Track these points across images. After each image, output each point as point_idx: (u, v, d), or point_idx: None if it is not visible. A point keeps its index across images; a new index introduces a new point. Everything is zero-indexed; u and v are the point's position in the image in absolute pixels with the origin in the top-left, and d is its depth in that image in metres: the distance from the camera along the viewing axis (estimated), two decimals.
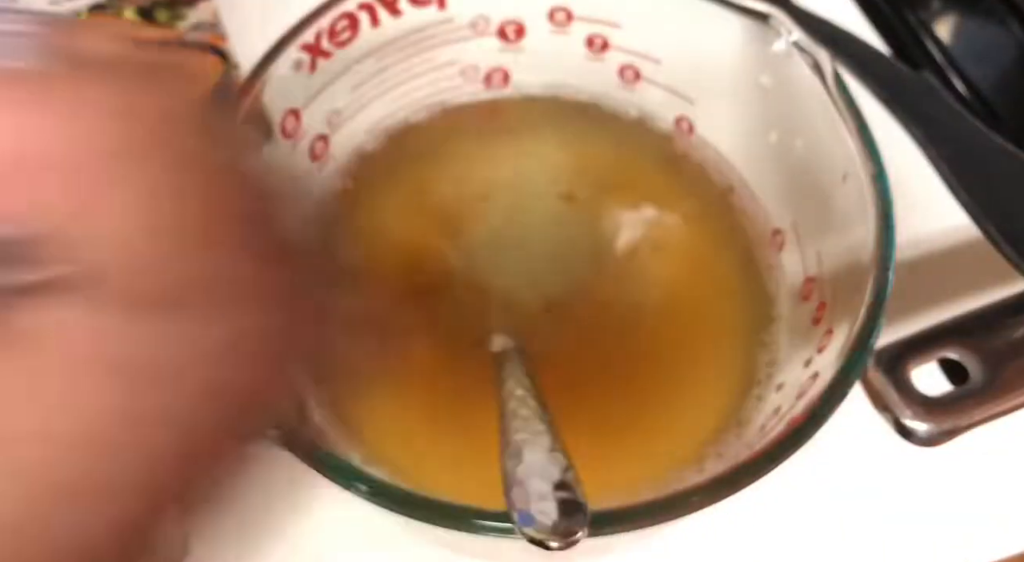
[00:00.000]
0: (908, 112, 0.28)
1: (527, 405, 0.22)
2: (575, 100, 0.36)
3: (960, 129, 0.28)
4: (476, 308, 0.31)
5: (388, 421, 0.30)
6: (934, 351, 0.25)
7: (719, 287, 0.33)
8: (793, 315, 0.31)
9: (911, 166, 0.28)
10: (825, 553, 0.32)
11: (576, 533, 0.19)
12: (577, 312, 0.31)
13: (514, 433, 0.21)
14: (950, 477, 0.33)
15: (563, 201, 0.34)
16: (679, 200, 0.34)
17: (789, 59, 0.29)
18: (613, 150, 0.35)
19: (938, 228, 0.38)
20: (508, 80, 0.36)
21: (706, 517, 0.22)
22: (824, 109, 0.28)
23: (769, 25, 0.29)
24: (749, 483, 0.22)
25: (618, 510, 0.21)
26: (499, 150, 0.35)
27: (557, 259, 0.32)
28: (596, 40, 0.34)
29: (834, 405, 0.23)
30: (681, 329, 0.31)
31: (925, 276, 0.37)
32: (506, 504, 0.19)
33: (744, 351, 0.31)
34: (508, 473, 0.20)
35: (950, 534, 0.33)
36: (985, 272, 0.35)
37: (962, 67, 0.43)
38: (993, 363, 0.25)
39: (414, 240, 0.33)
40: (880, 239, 0.25)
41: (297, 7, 0.29)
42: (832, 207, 0.29)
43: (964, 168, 0.28)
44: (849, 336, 0.24)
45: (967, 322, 0.26)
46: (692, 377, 0.31)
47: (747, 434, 0.28)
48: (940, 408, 0.24)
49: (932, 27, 0.44)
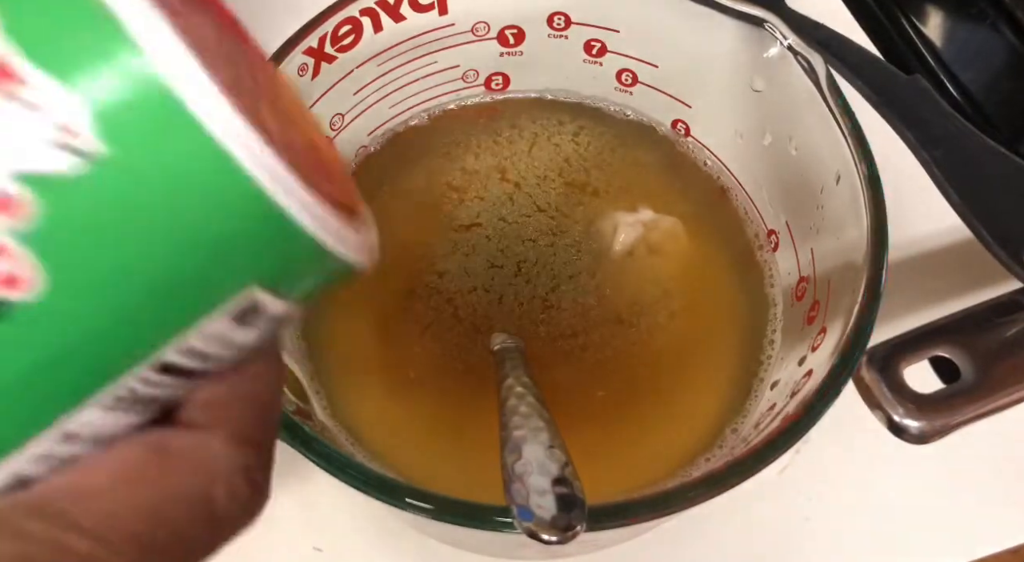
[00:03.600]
0: (900, 115, 0.29)
1: (526, 402, 0.23)
2: (574, 104, 0.37)
3: (951, 131, 0.29)
4: (476, 307, 0.32)
5: (389, 418, 0.30)
6: (926, 350, 0.26)
7: (715, 287, 0.33)
8: (787, 314, 0.31)
9: (903, 168, 0.29)
10: (820, 548, 0.33)
11: (574, 528, 0.19)
12: (575, 311, 0.32)
13: (514, 429, 0.22)
14: (942, 474, 0.34)
15: (562, 203, 0.34)
16: (675, 202, 0.34)
17: (783, 63, 0.29)
18: (611, 153, 0.36)
19: (930, 229, 0.38)
20: (508, 84, 0.36)
21: (701, 513, 0.22)
22: (818, 112, 0.28)
23: (764, 30, 0.29)
24: (744, 479, 0.22)
25: (615, 505, 0.22)
26: (499, 153, 0.36)
27: (556, 259, 0.33)
28: (594, 45, 0.34)
29: (827, 403, 0.23)
30: (677, 327, 0.32)
31: (917, 276, 0.37)
32: (505, 499, 0.20)
33: (739, 349, 0.31)
34: (507, 468, 0.20)
35: (942, 530, 0.33)
36: (976, 272, 0.36)
37: (954, 70, 0.43)
38: (984, 361, 0.26)
39: (415, 240, 0.33)
40: (873, 240, 0.26)
41: (301, 12, 0.30)
42: (826, 208, 0.29)
43: (955, 170, 0.28)
44: (842, 335, 0.24)
45: (958, 321, 0.26)
46: (688, 374, 0.31)
47: (742, 430, 0.29)
48: (932, 406, 0.25)
49: (924, 31, 0.45)
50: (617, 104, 0.36)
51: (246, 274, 0.12)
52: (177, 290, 0.11)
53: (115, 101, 0.10)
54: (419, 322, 0.32)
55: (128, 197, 0.10)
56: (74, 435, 0.12)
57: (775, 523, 0.33)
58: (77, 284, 0.10)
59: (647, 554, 0.32)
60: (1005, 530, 0.33)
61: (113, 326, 0.11)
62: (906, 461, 0.34)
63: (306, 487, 0.33)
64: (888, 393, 0.25)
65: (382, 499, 0.22)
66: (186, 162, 0.10)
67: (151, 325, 0.11)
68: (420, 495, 0.22)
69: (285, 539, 0.32)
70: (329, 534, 0.32)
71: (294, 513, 0.32)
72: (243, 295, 0.12)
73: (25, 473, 0.12)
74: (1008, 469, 0.34)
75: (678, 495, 0.22)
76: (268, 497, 0.14)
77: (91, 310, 0.11)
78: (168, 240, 0.11)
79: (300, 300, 0.13)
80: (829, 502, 0.33)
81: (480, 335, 0.31)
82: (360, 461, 0.23)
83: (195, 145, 0.10)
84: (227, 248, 0.11)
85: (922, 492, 0.34)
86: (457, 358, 0.31)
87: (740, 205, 0.34)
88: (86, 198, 0.10)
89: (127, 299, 0.11)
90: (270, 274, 0.12)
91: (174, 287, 0.11)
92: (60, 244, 0.10)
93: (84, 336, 0.11)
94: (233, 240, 0.11)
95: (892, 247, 0.25)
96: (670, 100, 0.35)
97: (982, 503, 0.33)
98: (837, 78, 0.28)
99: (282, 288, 0.12)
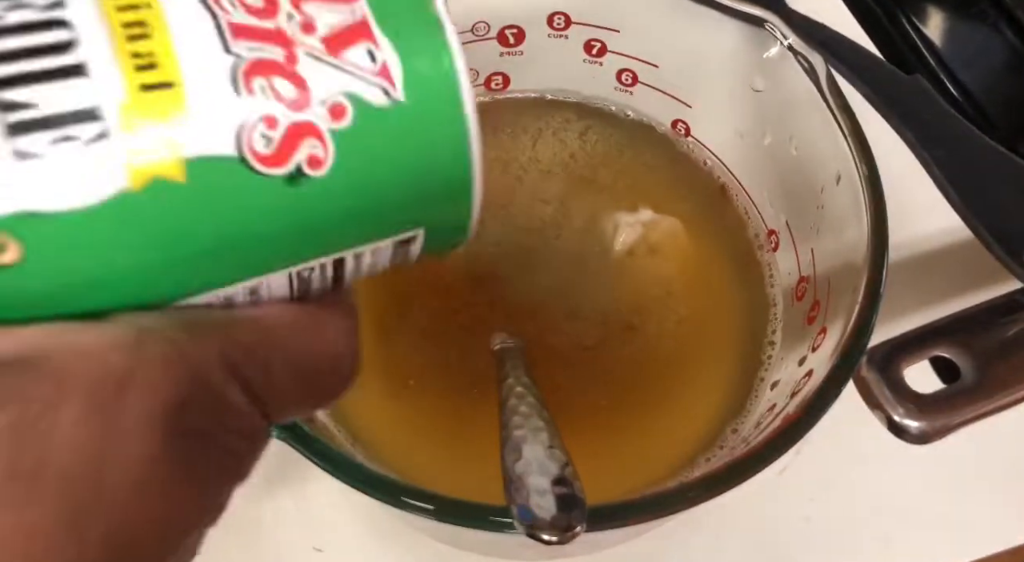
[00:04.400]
0: (901, 115, 0.29)
1: (526, 402, 0.23)
2: (574, 104, 0.37)
3: (952, 131, 0.29)
4: (476, 307, 0.32)
5: (389, 418, 0.30)
6: (926, 350, 0.26)
7: (715, 287, 0.33)
8: (788, 314, 0.31)
9: (903, 168, 0.29)
10: (820, 548, 0.33)
11: (574, 528, 0.19)
12: (574, 311, 0.32)
13: (514, 429, 0.22)
14: (942, 474, 0.34)
15: (563, 203, 0.34)
16: (676, 202, 0.34)
17: (784, 63, 0.29)
18: (611, 153, 0.36)
19: (930, 229, 0.38)
20: (508, 84, 0.36)
21: (701, 513, 0.22)
22: (818, 112, 0.28)
23: (764, 30, 0.29)
24: (744, 479, 0.22)
25: (616, 505, 0.22)
26: (498, 153, 0.35)
27: (556, 259, 0.33)
28: (594, 45, 0.34)
29: (828, 403, 0.23)
30: (677, 328, 0.32)
31: (917, 276, 0.37)
32: (505, 499, 0.20)
33: (739, 349, 0.31)
34: (507, 469, 0.20)
35: (942, 530, 0.33)
36: (976, 272, 0.36)
37: (954, 70, 0.43)
38: (984, 361, 0.26)
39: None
40: (873, 240, 0.26)
41: None
42: (826, 208, 0.29)
43: (955, 170, 0.28)
44: (842, 335, 0.25)
45: (959, 321, 0.26)
46: (688, 374, 0.31)
47: (743, 431, 0.29)
48: (932, 406, 0.25)
49: (924, 31, 0.45)
50: (617, 104, 0.36)
51: (427, 217, 0.15)
52: (390, 212, 0.14)
53: (421, 69, 0.14)
54: (419, 322, 0.32)
55: (402, 134, 0.14)
56: (255, 290, 0.14)
57: (775, 523, 0.33)
58: (350, 179, 0.14)
59: (647, 554, 0.32)
60: (1005, 530, 0.33)
61: (345, 221, 0.14)
62: (906, 461, 0.34)
63: (306, 487, 0.33)
64: (888, 393, 0.25)
65: (382, 499, 0.22)
66: (442, 112, 0.14)
67: (359, 229, 0.14)
68: (420, 495, 0.22)
69: (285, 539, 0.32)
70: (329, 534, 0.32)
71: (294, 513, 0.32)
72: (414, 230, 0.15)
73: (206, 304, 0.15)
74: (1008, 469, 0.34)
75: (678, 495, 0.22)
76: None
77: (343, 203, 0.14)
78: (410, 170, 0.14)
79: (425, 252, 0.16)
80: (829, 502, 0.33)
81: (480, 335, 0.31)
82: (360, 461, 0.23)
83: (453, 105, 0.14)
84: (433, 198, 0.14)
85: (922, 492, 0.34)
86: (457, 358, 0.31)
87: (740, 205, 0.34)
88: (380, 125, 0.14)
89: (365, 203, 0.14)
90: (435, 221, 0.15)
91: (389, 209, 0.14)
92: (353, 146, 0.13)
93: (326, 220, 0.14)
94: (440, 194, 0.14)
95: (892, 247, 0.25)
96: (670, 100, 0.35)
97: (982, 503, 0.33)
98: (837, 78, 0.28)
99: (431, 235, 0.15)
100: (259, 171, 0.13)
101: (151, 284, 0.13)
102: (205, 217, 0.13)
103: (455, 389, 0.30)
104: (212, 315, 0.14)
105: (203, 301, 0.14)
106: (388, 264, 0.16)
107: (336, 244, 0.15)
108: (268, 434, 0.15)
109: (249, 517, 0.32)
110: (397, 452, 0.29)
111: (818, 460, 0.33)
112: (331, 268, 0.15)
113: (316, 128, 0.13)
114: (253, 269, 0.14)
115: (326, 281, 0.15)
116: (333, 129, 0.13)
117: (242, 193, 0.13)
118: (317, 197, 0.13)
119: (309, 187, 0.13)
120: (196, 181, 0.13)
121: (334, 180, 0.13)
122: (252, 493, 0.32)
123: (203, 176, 0.13)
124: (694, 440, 0.29)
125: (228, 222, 0.13)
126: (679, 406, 0.31)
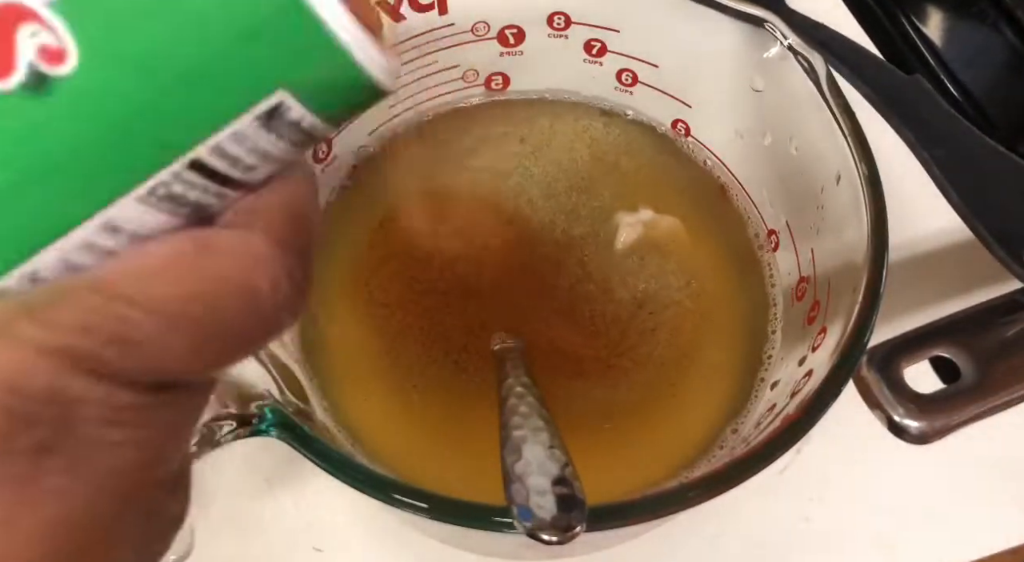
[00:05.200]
0: (901, 115, 0.29)
1: (526, 402, 0.23)
2: (574, 103, 0.37)
3: (952, 131, 0.29)
4: (476, 307, 0.32)
5: (389, 418, 0.30)
6: (926, 350, 0.26)
7: (715, 287, 0.33)
8: (787, 314, 0.31)
9: (904, 168, 0.29)
10: (820, 548, 0.33)
11: (574, 528, 0.19)
12: (575, 311, 0.32)
13: (514, 429, 0.22)
14: (942, 474, 0.34)
15: (563, 203, 0.34)
16: (675, 202, 0.34)
17: (784, 63, 0.29)
18: (611, 153, 0.36)
19: (930, 229, 0.38)
20: (508, 84, 0.36)
21: (701, 513, 0.22)
22: (818, 112, 0.28)
23: (764, 30, 0.29)
24: (744, 479, 0.22)
25: (616, 505, 0.22)
26: (498, 152, 0.35)
27: (556, 259, 0.33)
28: (594, 45, 0.34)
29: (827, 403, 0.23)
30: (677, 327, 0.32)
31: (917, 276, 0.37)
32: (505, 499, 0.20)
33: (739, 349, 0.31)
34: (508, 469, 0.20)
35: (942, 530, 0.33)
36: (976, 272, 0.36)
37: (954, 70, 0.43)
38: (984, 361, 0.26)
39: (415, 240, 0.33)
40: (873, 240, 0.26)
41: None
42: (826, 208, 0.29)
43: (955, 170, 0.28)
44: (842, 335, 0.24)
45: (959, 321, 0.26)
46: (688, 374, 0.31)
47: (743, 431, 0.29)
48: (932, 406, 0.25)
49: (924, 31, 0.45)
50: (617, 104, 0.36)
51: (274, 74, 0.12)
52: (206, 80, 0.11)
53: None
54: (419, 322, 0.32)
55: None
56: (116, 228, 0.12)
57: (775, 523, 0.33)
58: (109, 60, 0.10)
59: (647, 554, 0.32)
60: (1005, 530, 0.33)
61: (144, 112, 0.11)
62: (906, 461, 0.34)
63: (306, 487, 0.33)
64: (888, 393, 0.25)
65: (382, 499, 0.22)
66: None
67: (182, 116, 0.12)
68: (420, 495, 0.21)
69: (285, 539, 0.32)
70: (329, 534, 0.32)
71: (294, 513, 0.32)
72: (271, 97, 0.12)
73: (74, 260, 0.12)
74: (1008, 469, 0.34)
75: (678, 495, 0.22)
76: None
77: (124, 90, 0.11)
78: (199, 24, 0.11)
79: (324, 116, 0.13)
80: (829, 502, 0.33)
81: (480, 335, 0.31)
82: (360, 461, 0.23)
83: None
84: (256, 42, 0.12)
85: (922, 492, 0.34)
86: (457, 358, 0.31)
87: (740, 205, 0.34)
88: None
89: (158, 82, 0.11)
90: (296, 79, 0.12)
91: (203, 76, 0.11)
92: (92, 15, 0.10)
93: (118, 120, 0.11)
94: (262, 34, 0.12)
95: (892, 247, 0.25)
96: (670, 100, 0.35)
97: (982, 503, 0.33)
98: (837, 78, 0.28)
99: (307, 96, 0.13)
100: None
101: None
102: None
103: (455, 389, 0.30)
104: (29, 298, 0.12)
105: (37, 268, 0.12)
106: (281, 146, 0.13)
107: (164, 145, 0.12)
108: (184, 397, 0.13)
109: (249, 517, 0.32)
110: (397, 452, 0.29)
111: (818, 460, 0.33)
112: (196, 175, 0.12)
113: (26, 8, 0.10)
114: (73, 209, 0.12)
115: (207, 193, 0.13)
116: (51, 1, 0.10)
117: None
118: (87, 97, 0.11)
119: (65, 91, 0.10)
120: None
121: (91, 70, 0.10)
122: (252, 493, 0.32)
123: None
124: (694, 440, 0.29)
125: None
126: (679, 406, 0.31)
